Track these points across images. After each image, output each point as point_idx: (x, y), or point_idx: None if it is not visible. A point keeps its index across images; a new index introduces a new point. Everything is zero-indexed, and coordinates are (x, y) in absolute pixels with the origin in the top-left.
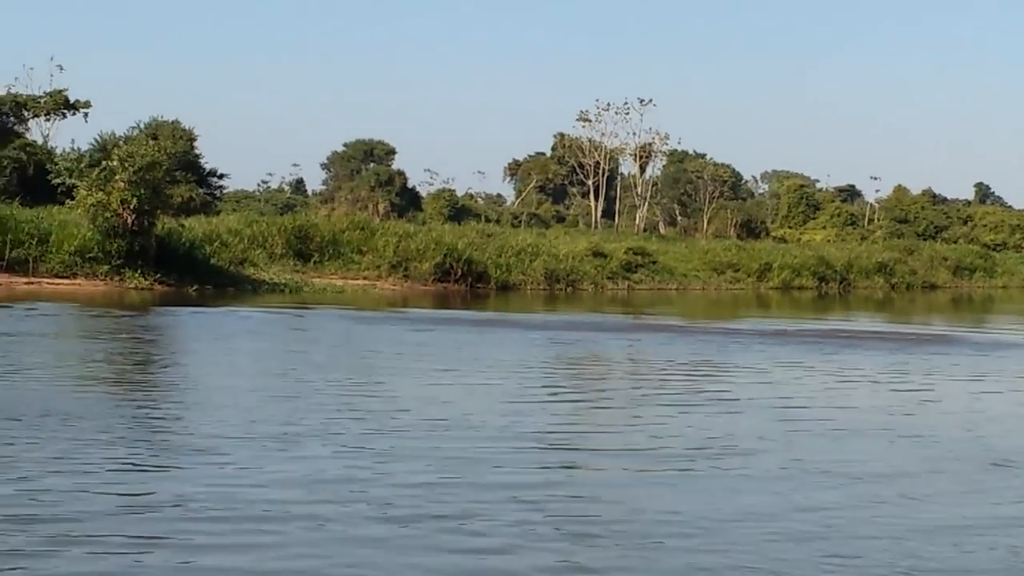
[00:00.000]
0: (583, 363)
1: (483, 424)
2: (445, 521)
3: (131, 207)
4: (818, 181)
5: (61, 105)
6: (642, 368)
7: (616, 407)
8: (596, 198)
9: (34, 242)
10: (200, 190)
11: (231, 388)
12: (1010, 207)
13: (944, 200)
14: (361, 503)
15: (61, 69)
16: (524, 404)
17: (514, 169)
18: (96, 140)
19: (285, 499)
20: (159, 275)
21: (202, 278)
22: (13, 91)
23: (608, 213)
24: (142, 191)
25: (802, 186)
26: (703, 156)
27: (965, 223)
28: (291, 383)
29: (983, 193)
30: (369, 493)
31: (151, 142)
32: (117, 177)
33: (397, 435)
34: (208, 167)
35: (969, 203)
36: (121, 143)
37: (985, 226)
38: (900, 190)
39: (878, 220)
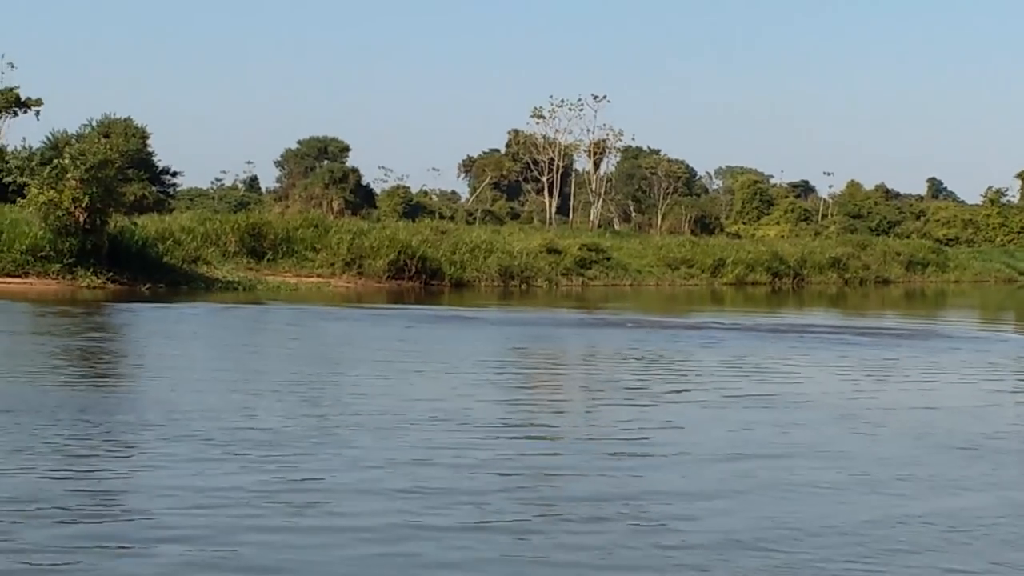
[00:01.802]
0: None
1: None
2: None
3: (83, 205)
4: (772, 177)
5: (12, 103)
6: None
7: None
8: (550, 195)
9: None
10: (153, 188)
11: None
12: (962, 202)
13: (897, 195)
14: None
15: (12, 67)
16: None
17: (468, 166)
18: (48, 138)
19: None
20: (112, 274)
21: (155, 276)
22: None
23: (563, 209)
24: (94, 189)
25: (756, 182)
26: (657, 152)
27: (918, 218)
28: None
29: (936, 188)
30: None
31: (103, 140)
32: (69, 175)
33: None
34: (161, 165)
35: (922, 198)
36: (73, 141)
37: (937, 221)
38: (853, 185)
39: (831, 215)
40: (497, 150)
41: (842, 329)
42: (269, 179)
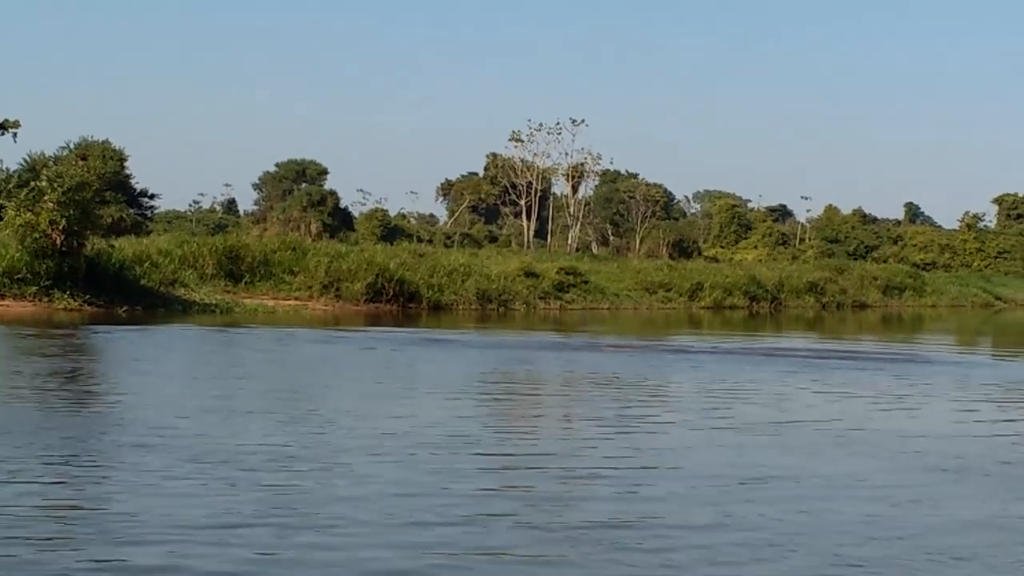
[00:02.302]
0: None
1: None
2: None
3: (60, 228)
4: (750, 201)
5: None
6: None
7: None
8: (529, 218)
9: None
10: (131, 210)
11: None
12: (939, 227)
13: (874, 220)
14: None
15: None
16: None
17: (447, 189)
18: (25, 160)
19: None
20: (88, 296)
21: (132, 299)
22: None
23: (541, 233)
24: (71, 212)
25: (734, 206)
26: (635, 176)
27: (895, 243)
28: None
29: (913, 213)
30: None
31: (81, 162)
32: (46, 197)
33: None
34: (139, 187)
35: (899, 223)
36: (50, 163)
37: (915, 246)
38: (831, 210)
39: (809, 240)
40: (475, 173)
41: (827, 353)
42: (247, 202)
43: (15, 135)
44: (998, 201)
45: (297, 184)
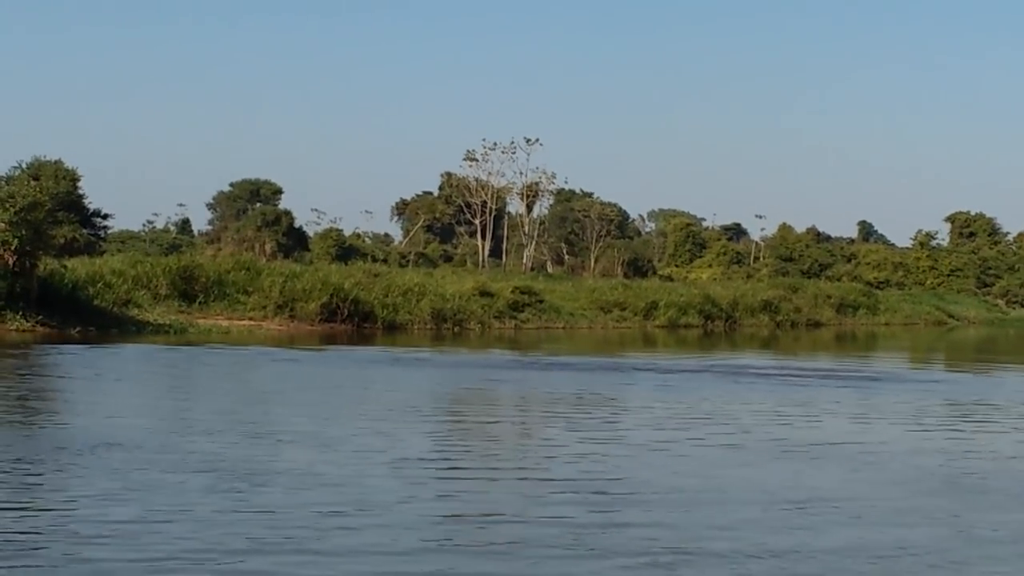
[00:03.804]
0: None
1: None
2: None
3: (12, 248)
4: (704, 220)
5: None
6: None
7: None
8: (483, 237)
9: None
10: (84, 231)
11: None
12: (892, 245)
13: (828, 238)
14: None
15: None
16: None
17: (402, 208)
18: None
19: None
20: (41, 317)
21: (85, 320)
22: None
23: (496, 252)
24: (23, 232)
25: (688, 225)
26: (590, 195)
27: (849, 261)
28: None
29: (866, 231)
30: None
31: (33, 182)
32: None
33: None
34: (92, 207)
35: (852, 241)
36: (2, 183)
37: (868, 264)
38: (785, 228)
39: (763, 258)
40: (430, 193)
41: (787, 371)
42: (201, 222)
43: None
44: (951, 219)
45: (251, 204)
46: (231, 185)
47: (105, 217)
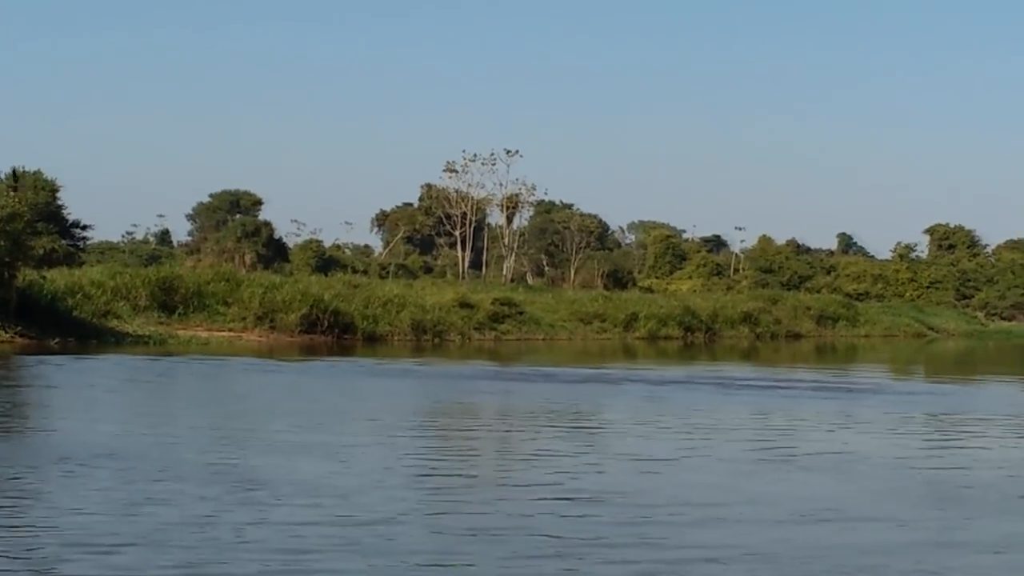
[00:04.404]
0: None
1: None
2: None
3: None
4: (684, 231)
5: None
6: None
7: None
8: (464, 249)
9: None
10: (63, 241)
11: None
12: (872, 257)
13: (808, 250)
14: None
15: None
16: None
17: (382, 220)
18: None
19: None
20: (20, 328)
21: (64, 331)
22: None
23: (476, 264)
24: (2, 243)
25: (668, 236)
26: (570, 207)
27: (828, 273)
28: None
29: (846, 243)
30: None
31: (12, 193)
32: None
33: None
34: (71, 218)
35: (832, 253)
36: None
37: (848, 276)
38: (765, 240)
39: (743, 270)
40: (410, 204)
41: (776, 382)
42: (181, 233)
43: None
44: (930, 231)
45: (231, 215)
46: (211, 196)
47: (84, 228)
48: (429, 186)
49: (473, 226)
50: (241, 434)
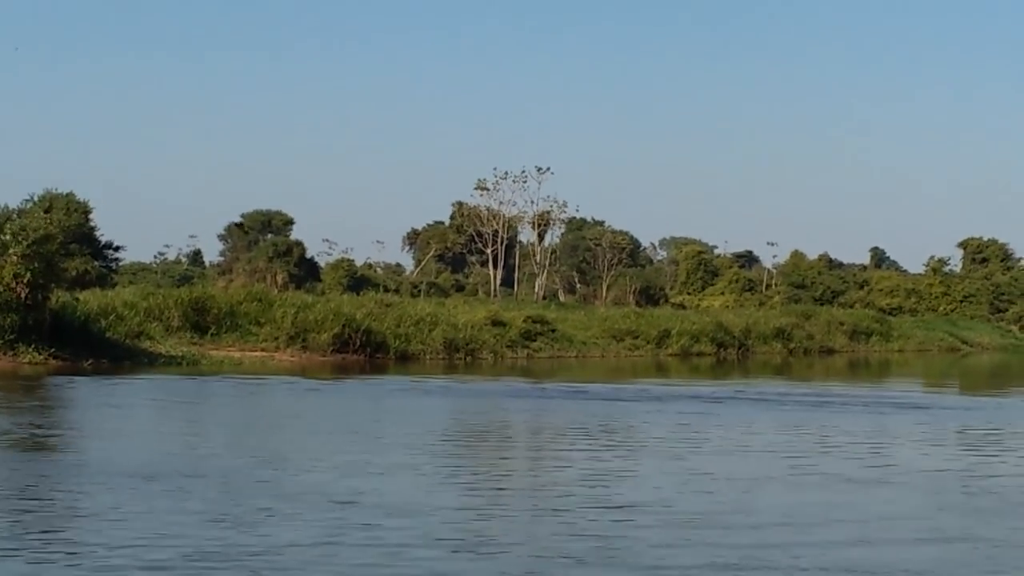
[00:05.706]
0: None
1: None
2: None
3: (24, 281)
4: (716, 247)
5: None
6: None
7: None
8: (495, 266)
9: None
10: (95, 263)
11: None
12: (905, 271)
13: (840, 265)
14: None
15: None
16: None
17: (413, 238)
18: None
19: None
20: (53, 349)
21: (97, 352)
22: None
23: (507, 281)
24: (36, 265)
25: (700, 252)
26: (601, 223)
27: (861, 287)
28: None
29: (879, 257)
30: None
31: (45, 215)
32: (10, 251)
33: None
34: (103, 239)
35: (865, 267)
36: (14, 216)
37: (881, 290)
38: (797, 255)
39: (775, 285)
40: (441, 222)
41: (824, 397)
42: (213, 253)
43: None
44: (963, 245)
45: (263, 235)
46: (242, 216)
47: (117, 249)
48: (460, 204)
49: (504, 244)
50: (318, 456)
